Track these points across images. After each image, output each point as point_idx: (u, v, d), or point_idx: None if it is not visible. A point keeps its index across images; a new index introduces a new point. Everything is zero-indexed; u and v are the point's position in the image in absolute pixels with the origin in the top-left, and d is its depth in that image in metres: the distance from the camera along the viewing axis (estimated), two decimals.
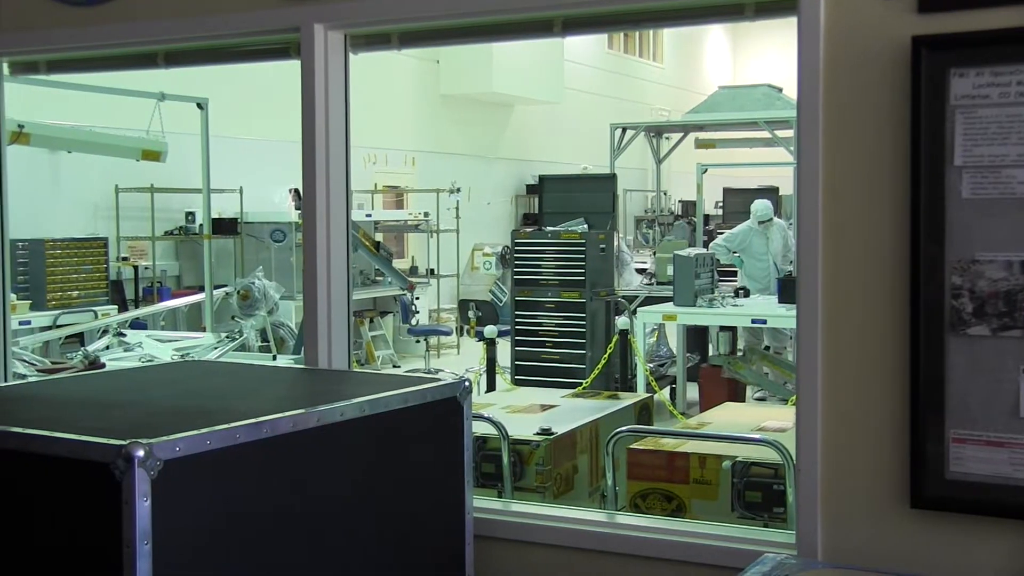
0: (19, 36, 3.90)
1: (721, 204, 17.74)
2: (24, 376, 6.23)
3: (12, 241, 4.47)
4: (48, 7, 3.80)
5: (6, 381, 4.12)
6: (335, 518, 2.49)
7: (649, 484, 3.90)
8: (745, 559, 2.64)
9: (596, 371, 8.78)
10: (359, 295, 12.47)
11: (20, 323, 8.44)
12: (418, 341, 12.87)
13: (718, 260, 10.01)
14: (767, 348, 9.71)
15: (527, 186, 18.01)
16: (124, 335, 8.75)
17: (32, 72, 4.29)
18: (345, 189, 3.51)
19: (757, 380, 8.79)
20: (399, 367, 12.48)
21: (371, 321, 13.08)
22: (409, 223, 14.69)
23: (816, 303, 2.67)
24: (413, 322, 12.70)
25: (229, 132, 11.01)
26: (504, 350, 9.47)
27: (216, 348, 8.67)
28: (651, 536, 3.02)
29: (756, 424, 4.39)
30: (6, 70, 4.14)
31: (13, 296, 5.61)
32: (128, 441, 2.05)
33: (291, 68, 3.57)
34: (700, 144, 15.21)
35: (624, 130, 15.15)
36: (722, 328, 9.22)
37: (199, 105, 9.55)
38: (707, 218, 15.12)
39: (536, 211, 15.31)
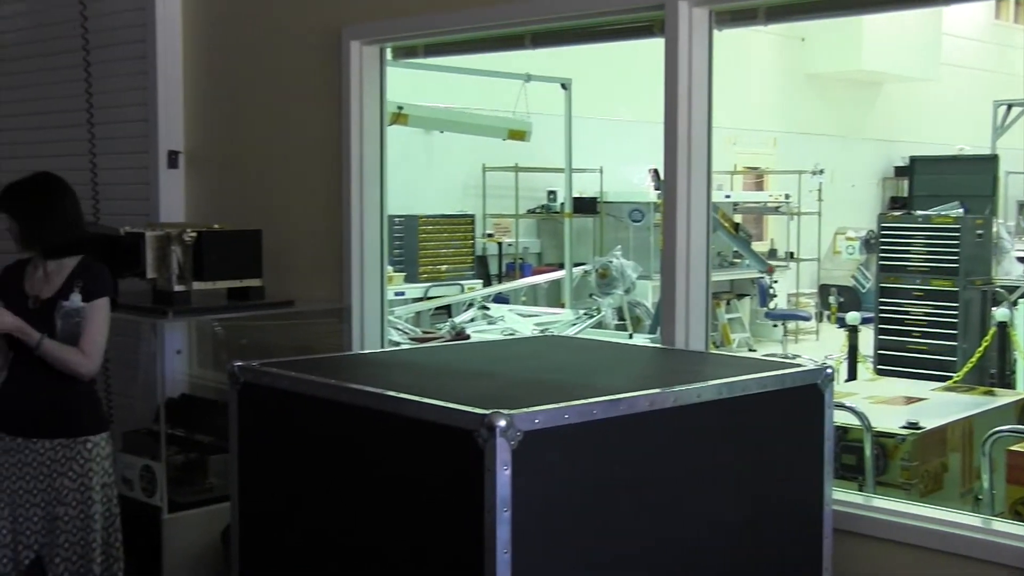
0: (400, 22, 4.15)
1: None
2: (398, 343, 6.66)
3: (390, 217, 4.76)
4: None
5: (383, 347, 4.41)
6: (687, 499, 2.46)
7: None
8: None
9: (969, 365, 8.19)
10: (716, 277, 12.32)
11: (395, 294, 9.03)
12: (775, 325, 12.59)
13: None
14: None
15: (895, 168, 17.13)
16: (488, 308, 9.15)
17: (411, 56, 4.55)
18: (706, 170, 3.45)
19: None
20: (755, 351, 12.23)
21: (728, 303, 12.92)
22: (769, 205, 14.39)
23: None
24: (771, 306, 12.43)
25: (590, 112, 11.20)
26: (866, 338, 9.06)
27: (574, 324, 8.87)
28: None
29: None
30: (389, 55, 4.41)
31: (390, 268, 5.99)
32: (491, 411, 2.11)
33: (653, 47, 3.55)
34: None
35: (1009, 107, 14.06)
36: None
37: (563, 86, 9.79)
38: None
39: (905, 194, 14.54)
